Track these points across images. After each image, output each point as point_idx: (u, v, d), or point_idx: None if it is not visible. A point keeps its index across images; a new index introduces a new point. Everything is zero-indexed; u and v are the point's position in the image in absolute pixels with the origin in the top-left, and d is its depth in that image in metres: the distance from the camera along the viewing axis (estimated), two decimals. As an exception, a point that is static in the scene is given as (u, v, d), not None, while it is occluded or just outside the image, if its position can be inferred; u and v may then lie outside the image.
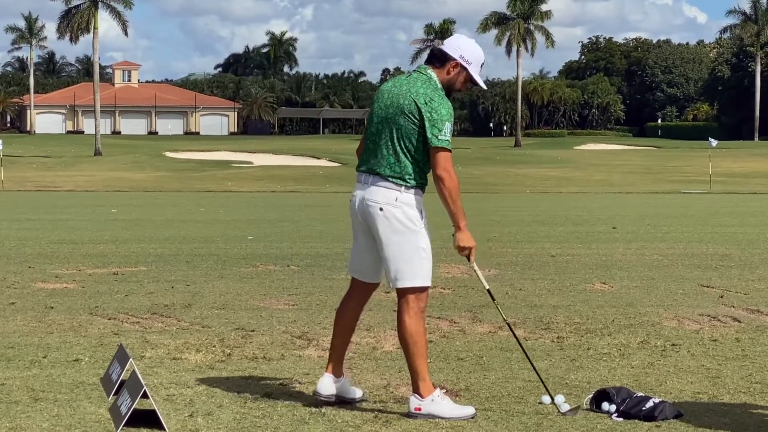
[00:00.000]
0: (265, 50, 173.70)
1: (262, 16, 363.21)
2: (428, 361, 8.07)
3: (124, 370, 6.78)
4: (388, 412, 6.61)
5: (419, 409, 6.50)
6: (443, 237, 8.41)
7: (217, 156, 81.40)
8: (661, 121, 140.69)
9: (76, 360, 8.13)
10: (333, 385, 6.81)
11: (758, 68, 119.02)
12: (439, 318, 10.21)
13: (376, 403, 6.84)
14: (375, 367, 7.98)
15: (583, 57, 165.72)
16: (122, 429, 6.04)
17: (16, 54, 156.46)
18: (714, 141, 52.88)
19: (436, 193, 6.58)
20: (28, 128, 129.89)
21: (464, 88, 6.82)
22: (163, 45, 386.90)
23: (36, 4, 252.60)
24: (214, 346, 8.72)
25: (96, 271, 13.96)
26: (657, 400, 6.56)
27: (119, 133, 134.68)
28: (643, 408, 6.47)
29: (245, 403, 6.79)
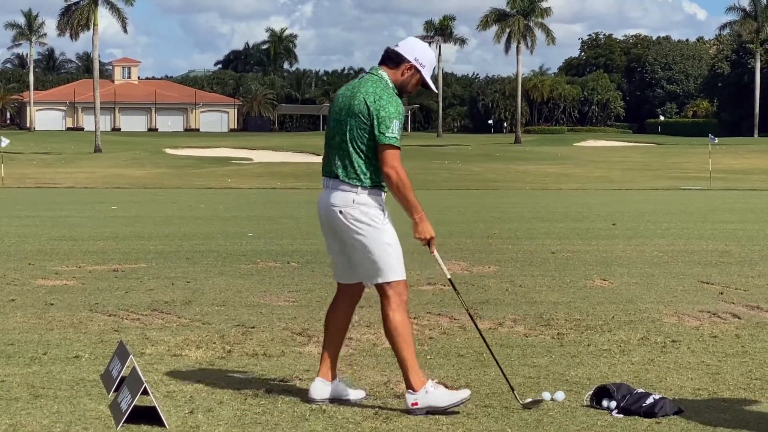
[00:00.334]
0: (265, 47, 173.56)
1: (262, 13, 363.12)
2: (429, 357, 8.10)
3: (125, 367, 6.78)
4: (388, 408, 6.62)
5: (416, 404, 6.51)
6: (442, 234, 8.40)
7: (217, 153, 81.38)
8: (660, 117, 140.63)
9: (77, 357, 8.13)
10: (326, 388, 6.81)
11: (758, 65, 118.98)
12: (439, 315, 10.21)
13: (376, 399, 6.85)
14: (375, 364, 7.98)
15: (582, 53, 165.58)
16: (123, 426, 6.05)
17: (16, 51, 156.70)
18: (714, 138, 52.86)
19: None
20: (28, 125, 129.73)
21: (415, 91, 6.91)
22: (162, 42, 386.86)
23: (36, 0, 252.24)
24: (214, 343, 8.73)
25: (96, 268, 13.96)
26: (657, 397, 6.56)
27: (119, 129, 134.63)
28: (644, 404, 6.48)
29: (245, 399, 6.80)
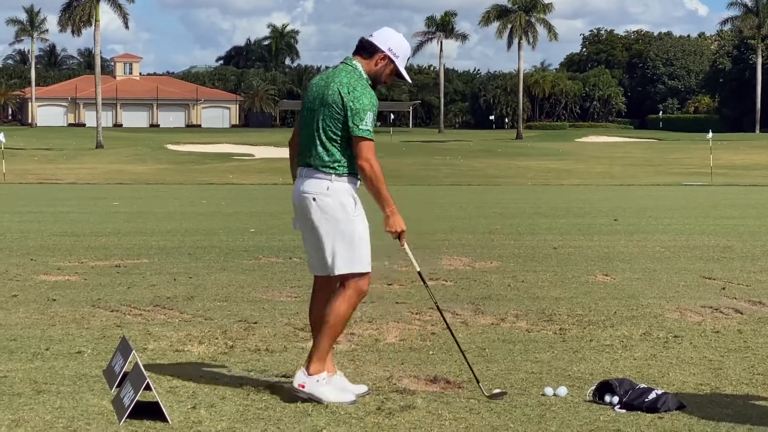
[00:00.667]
0: (267, 43, 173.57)
1: (264, 9, 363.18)
2: (431, 353, 8.10)
3: (127, 362, 6.79)
4: (390, 403, 6.61)
5: (303, 386, 6.60)
6: (444, 230, 8.40)
7: (219, 149, 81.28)
8: (662, 113, 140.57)
9: (79, 352, 8.14)
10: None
11: (759, 60, 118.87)
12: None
13: (378, 395, 6.84)
14: (378, 359, 7.98)
15: (584, 49, 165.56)
16: (125, 421, 6.05)
17: (18, 47, 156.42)
18: (709, 133, 52.51)
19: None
20: (30, 121, 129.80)
21: (389, 81, 6.93)
22: (164, 38, 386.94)
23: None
24: (216, 338, 8.73)
25: (98, 264, 13.96)
26: (659, 392, 6.56)
27: (121, 125, 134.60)
28: (646, 399, 6.48)
29: (248, 395, 6.80)
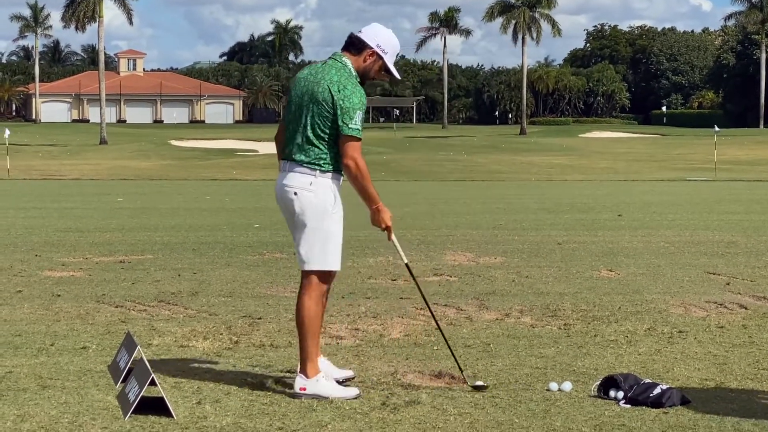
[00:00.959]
0: (270, 38, 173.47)
1: (267, 5, 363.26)
2: (435, 348, 8.10)
3: (132, 358, 6.79)
4: (395, 398, 6.61)
5: (304, 389, 6.63)
6: (448, 225, 8.40)
7: (223, 144, 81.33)
8: (666, 108, 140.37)
9: (84, 348, 8.15)
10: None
11: (763, 56, 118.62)
12: (445, 305, 10.21)
13: (383, 390, 6.84)
14: (382, 354, 7.98)
15: (588, 45, 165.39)
16: (130, 416, 6.06)
17: (22, 43, 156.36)
18: (716, 128, 52.54)
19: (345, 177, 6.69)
20: (34, 117, 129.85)
21: (378, 77, 6.94)
22: (168, 34, 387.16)
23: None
24: (221, 334, 8.74)
25: (103, 260, 13.97)
26: (664, 387, 6.56)
27: (124, 121, 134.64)
28: (651, 395, 6.48)
29: (253, 390, 6.81)
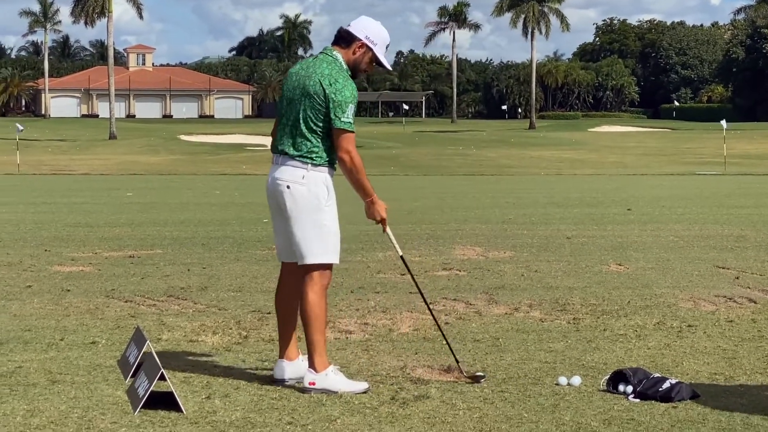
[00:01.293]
0: (279, 33, 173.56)
1: (276, 0, 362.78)
2: (444, 343, 8.09)
3: (141, 353, 6.80)
4: (404, 393, 6.62)
5: (314, 384, 6.63)
6: (457, 220, 8.39)
7: (232, 139, 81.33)
8: (675, 102, 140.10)
9: (93, 342, 8.16)
10: (287, 369, 6.89)
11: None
12: (455, 300, 10.21)
13: (392, 384, 6.84)
14: (391, 349, 7.98)
15: (597, 39, 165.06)
16: (140, 411, 6.07)
17: (31, 38, 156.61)
18: (723, 122, 52.36)
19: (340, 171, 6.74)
20: (43, 112, 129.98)
21: (370, 69, 6.95)
22: (177, 28, 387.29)
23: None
24: (230, 329, 8.75)
25: (112, 254, 14.00)
26: (674, 381, 6.55)
27: (134, 116, 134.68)
28: (660, 389, 6.47)
29: (262, 384, 6.81)
